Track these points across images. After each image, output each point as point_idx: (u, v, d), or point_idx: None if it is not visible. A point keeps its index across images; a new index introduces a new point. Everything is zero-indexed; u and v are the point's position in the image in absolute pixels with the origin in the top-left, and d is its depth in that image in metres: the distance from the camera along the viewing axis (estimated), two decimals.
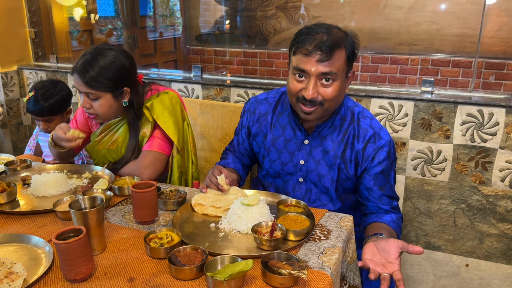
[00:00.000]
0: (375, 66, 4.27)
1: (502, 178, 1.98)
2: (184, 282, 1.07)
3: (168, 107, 1.75)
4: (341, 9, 4.21)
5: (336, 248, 1.23)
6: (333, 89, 1.39)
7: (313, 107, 1.41)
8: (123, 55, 1.69)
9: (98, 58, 1.63)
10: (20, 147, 3.10)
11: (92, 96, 1.65)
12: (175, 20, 4.90)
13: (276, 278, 1.04)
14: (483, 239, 2.09)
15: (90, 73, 1.61)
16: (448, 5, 3.93)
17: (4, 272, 1.09)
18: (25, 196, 1.56)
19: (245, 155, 1.76)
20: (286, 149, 1.59)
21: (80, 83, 1.63)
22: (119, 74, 1.66)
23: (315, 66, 1.36)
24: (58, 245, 1.04)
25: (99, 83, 1.62)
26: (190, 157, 1.86)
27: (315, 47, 1.35)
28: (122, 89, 1.68)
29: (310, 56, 1.36)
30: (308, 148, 1.56)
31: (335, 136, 1.53)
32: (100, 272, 1.12)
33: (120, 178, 1.62)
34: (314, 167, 1.56)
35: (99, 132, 1.82)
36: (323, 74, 1.37)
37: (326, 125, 1.53)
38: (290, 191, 1.63)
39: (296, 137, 1.58)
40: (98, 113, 1.68)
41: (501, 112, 1.92)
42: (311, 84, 1.38)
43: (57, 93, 2.13)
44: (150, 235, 1.21)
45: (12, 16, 2.97)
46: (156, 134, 1.76)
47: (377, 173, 1.51)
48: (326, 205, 1.61)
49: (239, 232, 1.30)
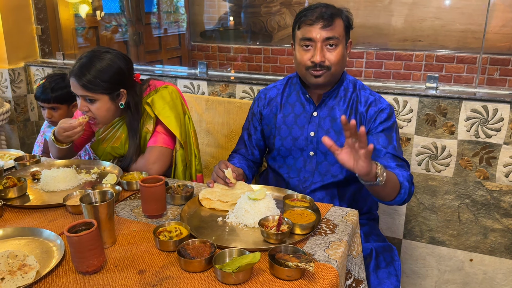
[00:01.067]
0: (379, 62, 4.28)
1: (506, 173, 2.00)
2: (193, 274, 1.09)
3: (169, 102, 1.77)
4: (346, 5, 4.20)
5: (342, 241, 1.25)
6: (337, 53, 1.55)
7: (322, 70, 1.55)
8: (120, 58, 1.70)
9: (95, 61, 1.64)
10: (27, 143, 3.13)
11: (89, 99, 1.66)
12: (180, 17, 4.91)
13: (283, 270, 1.06)
14: (487, 234, 2.10)
15: (86, 76, 1.62)
16: (453, 1, 3.93)
17: (17, 265, 1.12)
18: (35, 191, 1.59)
19: (255, 147, 1.80)
20: (296, 125, 1.69)
21: (77, 86, 1.64)
22: (116, 76, 1.67)
23: (319, 33, 1.52)
24: (70, 238, 1.07)
25: (96, 86, 1.63)
26: (193, 151, 1.87)
27: (317, 17, 1.53)
28: (118, 91, 1.69)
29: (314, 25, 1.53)
30: (317, 120, 1.66)
31: (341, 105, 1.65)
32: (111, 265, 1.14)
33: (128, 173, 1.64)
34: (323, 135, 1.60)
35: (102, 129, 1.84)
36: (327, 39, 1.53)
37: (332, 95, 1.66)
38: (301, 167, 1.69)
39: (305, 111, 1.68)
40: (97, 116, 1.69)
41: (505, 108, 1.93)
42: (318, 49, 1.53)
43: (66, 85, 2.17)
44: (159, 228, 1.23)
45: (19, 13, 2.99)
46: (159, 129, 1.78)
47: (379, 132, 1.59)
48: (337, 177, 1.65)
49: (246, 226, 1.32)
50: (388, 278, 1.52)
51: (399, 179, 1.47)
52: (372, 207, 1.76)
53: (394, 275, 1.53)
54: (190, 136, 1.86)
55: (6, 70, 2.96)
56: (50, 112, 2.18)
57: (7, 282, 1.06)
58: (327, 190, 1.66)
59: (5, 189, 1.49)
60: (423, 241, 2.22)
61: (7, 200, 1.47)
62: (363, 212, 1.73)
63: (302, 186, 1.67)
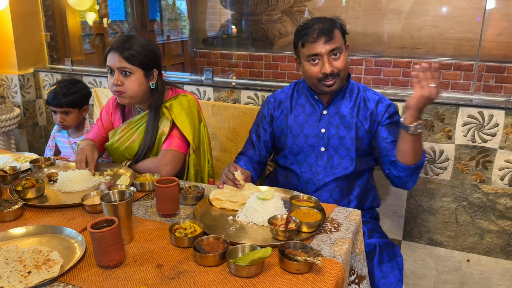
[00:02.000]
0: (378, 69, 4.37)
1: (501, 176, 2.08)
2: (208, 268, 1.16)
3: (186, 108, 1.86)
4: (345, 13, 4.32)
5: (346, 239, 1.33)
6: (342, 60, 1.71)
7: (333, 79, 1.71)
8: (153, 43, 1.88)
9: (134, 39, 1.81)
10: (35, 146, 3.21)
11: (127, 70, 1.78)
12: (183, 24, 5.01)
13: (293, 264, 1.14)
14: (483, 236, 2.18)
15: (128, 49, 1.77)
16: (450, 9, 4.03)
17: (42, 259, 1.19)
18: (52, 192, 1.66)
19: (264, 148, 1.91)
20: (307, 123, 1.83)
21: (118, 59, 1.77)
22: (152, 55, 1.83)
23: (324, 47, 1.68)
24: (93, 234, 1.14)
25: (136, 58, 1.78)
26: (206, 157, 1.96)
27: (318, 34, 1.68)
28: (152, 70, 1.84)
29: (317, 42, 1.68)
30: (327, 118, 1.81)
31: (347, 104, 1.81)
32: (130, 260, 1.22)
33: (141, 175, 1.72)
34: (335, 132, 1.78)
35: (120, 130, 1.93)
36: (332, 51, 1.69)
37: (339, 96, 1.81)
38: (313, 162, 1.81)
39: (315, 111, 1.83)
40: (128, 89, 1.80)
41: (500, 114, 2.02)
42: (326, 62, 1.69)
43: (77, 91, 2.27)
44: (175, 226, 1.31)
45: (29, 21, 3.08)
46: (175, 133, 1.87)
47: (389, 123, 1.77)
48: (347, 169, 1.78)
49: (255, 224, 1.40)
50: (392, 272, 1.61)
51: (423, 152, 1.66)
52: (374, 201, 1.88)
53: (397, 268, 1.62)
54: (204, 143, 1.95)
55: (16, 76, 3.04)
56: (63, 117, 2.26)
57: (33, 275, 1.13)
58: (338, 182, 1.79)
59: (24, 189, 1.56)
60: (422, 242, 2.30)
61: (26, 200, 1.54)
62: (366, 207, 1.83)
63: (316, 179, 1.78)
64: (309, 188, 1.78)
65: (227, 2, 4.83)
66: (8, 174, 1.73)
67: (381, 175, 2.26)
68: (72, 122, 2.31)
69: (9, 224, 1.42)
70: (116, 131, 1.95)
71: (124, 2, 4.32)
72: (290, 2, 4.53)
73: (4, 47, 3.01)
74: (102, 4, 3.97)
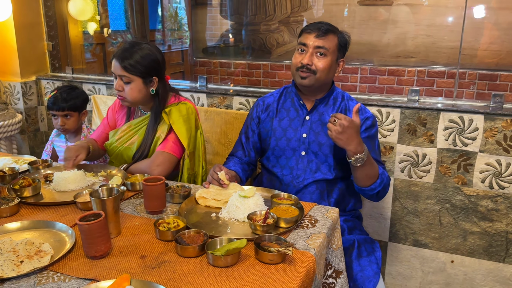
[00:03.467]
0: (373, 77, 4.45)
1: (482, 179, 2.15)
2: (188, 259, 1.24)
3: (184, 115, 1.97)
4: (341, 24, 4.42)
5: (321, 234, 1.40)
6: (324, 61, 1.77)
7: (307, 73, 1.77)
8: (157, 50, 1.98)
9: (136, 48, 1.91)
10: (37, 152, 3.31)
11: (125, 80, 1.89)
12: (183, 34, 5.13)
13: (266, 254, 1.22)
14: (466, 237, 2.24)
15: (128, 60, 1.87)
16: (443, 19, 4.12)
17: (34, 250, 1.28)
18: (47, 191, 1.75)
19: (252, 149, 1.99)
20: (290, 127, 1.89)
21: (118, 67, 1.88)
22: (152, 64, 1.92)
23: (312, 40, 1.77)
24: (81, 226, 1.23)
25: (134, 68, 1.88)
26: (201, 163, 2.06)
27: (314, 28, 1.79)
28: (151, 77, 1.93)
29: (310, 34, 1.78)
30: (309, 123, 1.87)
31: (330, 111, 1.87)
32: (116, 251, 1.30)
33: (132, 176, 1.81)
34: (315, 138, 1.85)
35: (120, 131, 2.03)
36: (318, 48, 1.76)
37: (323, 102, 1.87)
38: (294, 165, 1.87)
39: (299, 116, 1.89)
40: (128, 95, 1.91)
41: (480, 118, 2.09)
42: (308, 53, 1.77)
43: (77, 95, 2.38)
44: (159, 220, 1.39)
45: (32, 31, 3.20)
46: (170, 137, 1.97)
47: (365, 137, 1.78)
48: (326, 174, 1.84)
49: (236, 220, 1.48)
50: (369, 265, 1.68)
51: (379, 170, 1.70)
52: (356, 204, 1.93)
53: (375, 263, 1.69)
54: (199, 149, 2.05)
55: (18, 83, 3.16)
56: (63, 120, 2.37)
57: (25, 264, 1.22)
58: (318, 185, 1.85)
59: (21, 188, 1.66)
60: (407, 244, 2.37)
61: (23, 198, 1.63)
62: (348, 209, 1.89)
63: (296, 182, 1.85)
64: (290, 190, 1.85)
65: (226, 12, 4.95)
66: (6, 174, 1.82)
67: None
68: (72, 126, 2.41)
69: (6, 220, 1.50)
70: (117, 131, 2.05)
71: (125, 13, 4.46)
72: (287, 12, 4.65)
73: (7, 55, 3.13)
74: (103, 15, 4.10)
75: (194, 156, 2.02)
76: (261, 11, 4.74)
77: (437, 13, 4.10)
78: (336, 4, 4.39)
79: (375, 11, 4.27)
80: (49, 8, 3.29)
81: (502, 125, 2.06)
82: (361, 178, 1.70)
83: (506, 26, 3.89)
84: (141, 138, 2.00)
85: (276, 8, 4.67)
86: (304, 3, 4.54)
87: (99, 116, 2.81)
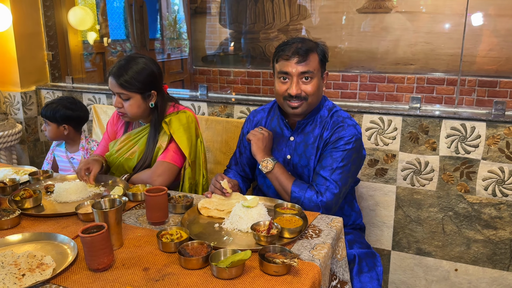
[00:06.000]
0: (373, 85, 4.46)
1: (485, 187, 2.14)
2: (192, 271, 1.23)
3: (184, 124, 1.96)
4: (340, 31, 4.43)
5: (326, 244, 1.39)
6: (312, 85, 1.68)
7: (298, 102, 1.69)
8: (152, 63, 1.94)
9: (131, 63, 1.88)
10: (37, 162, 3.30)
11: (124, 97, 1.88)
12: (182, 42, 5.14)
13: (271, 266, 1.20)
14: (470, 245, 2.23)
15: (124, 76, 1.85)
16: (442, 26, 4.13)
17: (36, 263, 1.26)
18: (48, 202, 1.74)
19: (246, 165, 1.95)
20: (275, 147, 1.83)
21: (115, 85, 1.86)
22: (149, 78, 1.90)
23: (295, 67, 1.66)
24: (84, 238, 1.22)
25: (131, 85, 1.86)
26: (201, 171, 2.05)
27: (293, 52, 1.66)
28: (150, 92, 1.92)
29: (290, 60, 1.66)
30: (293, 144, 1.80)
31: (315, 131, 1.77)
32: (119, 263, 1.28)
33: (134, 186, 1.80)
34: (298, 160, 1.79)
35: (119, 142, 2.02)
36: (302, 73, 1.67)
37: (308, 123, 1.78)
38: None
39: (283, 135, 1.83)
40: (128, 112, 1.90)
41: (482, 126, 2.09)
42: (294, 82, 1.67)
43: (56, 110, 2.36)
44: (162, 232, 1.38)
45: (32, 41, 3.20)
46: (171, 147, 1.95)
47: (326, 153, 1.71)
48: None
49: (240, 231, 1.47)
50: (370, 282, 1.66)
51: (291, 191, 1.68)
52: (355, 220, 1.90)
53: (376, 279, 1.67)
54: (200, 158, 2.03)
55: (18, 93, 3.15)
56: (45, 126, 2.42)
57: (27, 277, 1.20)
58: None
59: (22, 199, 1.64)
60: (410, 252, 2.35)
61: (24, 210, 1.62)
62: (348, 225, 1.87)
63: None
64: None
65: (226, 21, 4.97)
66: (7, 185, 1.80)
67: (369, 187, 2.33)
68: (51, 135, 2.42)
69: (7, 232, 1.49)
70: (116, 142, 2.04)
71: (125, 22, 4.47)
72: (286, 20, 4.66)
73: (7, 65, 3.13)
74: (102, 24, 4.11)
75: (195, 164, 2.01)
76: (260, 19, 4.76)
77: (436, 21, 4.12)
78: (335, 12, 4.40)
79: (374, 18, 4.29)
80: (49, 18, 3.29)
81: (504, 132, 2.06)
82: (276, 189, 1.73)
83: (505, 32, 3.91)
84: (141, 149, 1.99)
85: (275, 16, 4.69)
86: (303, 12, 4.55)
87: (100, 126, 2.81)
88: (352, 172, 1.72)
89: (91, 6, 4.09)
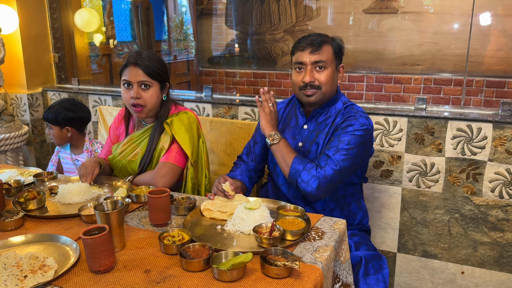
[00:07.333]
0: (379, 85, 4.43)
1: (492, 188, 2.11)
2: (193, 273, 1.22)
3: (186, 124, 1.96)
4: (346, 32, 4.41)
5: (328, 246, 1.38)
6: (326, 74, 1.76)
7: (313, 90, 1.76)
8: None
9: (150, 54, 1.94)
10: (43, 163, 3.32)
11: (145, 86, 1.90)
12: (188, 44, 5.15)
13: (273, 269, 1.19)
14: (476, 247, 2.20)
15: (148, 64, 1.90)
16: (449, 26, 4.10)
17: (38, 265, 1.26)
18: (52, 203, 1.74)
19: (260, 154, 1.98)
20: (288, 135, 1.89)
21: (139, 73, 1.89)
22: (165, 69, 1.97)
23: (308, 57, 1.75)
24: (85, 240, 1.22)
25: (154, 72, 1.91)
26: (204, 171, 2.04)
27: (308, 44, 1.76)
28: (165, 83, 1.97)
29: (304, 51, 1.76)
30: (306, 133, 1.85)
31: (329, 121, 1.82)
32: (120, 265, 1.28)
33: (137, 187, 1.80)
34: (308, 147, 1.83)
35: (122, 144, 2.02)
36: (316, 63, 1.75)
37: (322, 112, 1.84)
38: None
39: (298, 124, 1.89)
40: (147, 102, 1.92)
41: (488, 127, 2.06)
42: (307, 71, 1.75)
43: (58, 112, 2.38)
44: (164, 233, 1.37)
45: (38, 43, 3.23)
46: (173, 148, 1.96)
47: (334, 135, 1.75)
48: None
49: (242, 233, 1.46)
50: (377, 284, 1.64)
51: (292, 162, 1.71)
52: (362, 220, 1.89)
53: (382, 281, 1.65)
54: (202, 158, 2.03)
55: (25, 95, 3.18)
56: (49, 130, 2.44)
57: (29, 279, 1.20)
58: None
59: (26, 201, 1.65)
60: (416, 255, 2.33)
61: (28, 211, 1.63)
62: (355, 224, 1.86)
63: (294, 193, 1.82)
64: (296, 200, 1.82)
65: (232, 22, 4.97)
66: (12, 187, 1.81)
67: (374, 188, 2.31)
68: (55, 138, 2.43)
69: (10, 233, 1.50)
70: (119, 145, 2.04)
71: (131, 24, 4.49)
72: (292, 21, 4.65)
73: (14, 67, 3.15)
74: (109, 26, 4.13)
75: (198, 165, 2.01)
76: (266, 20, 4.75)
77: (442, 21, 4.08)
78: (341, 13, 4.38)
79: (381, 19, 4.27)
80: (56, 20, 3.31)
81: (511, 134, 2.03)
82: (278, 162, 1.76)
83: None
84: (143, 150, 1.99)
85: (281, 17, 4.68)
86: (309, 12, 4.54)
87: (105, 127, 2.82)
88: (355, 158, 1.71)
89: (97, 8, 4.11)
